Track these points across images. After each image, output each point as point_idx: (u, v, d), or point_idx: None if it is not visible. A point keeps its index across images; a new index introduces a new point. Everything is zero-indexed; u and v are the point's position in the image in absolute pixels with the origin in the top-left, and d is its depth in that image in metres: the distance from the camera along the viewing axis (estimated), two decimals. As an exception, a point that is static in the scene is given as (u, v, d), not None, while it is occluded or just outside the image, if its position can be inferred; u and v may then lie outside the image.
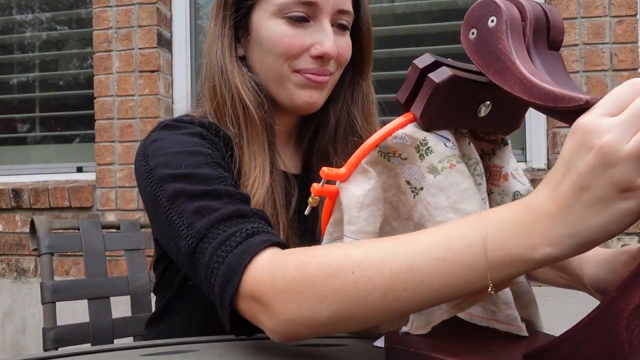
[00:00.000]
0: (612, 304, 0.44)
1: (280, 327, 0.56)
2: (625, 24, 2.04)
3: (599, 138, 0.42)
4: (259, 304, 0.57)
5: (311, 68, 0.82)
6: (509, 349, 0.54)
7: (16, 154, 2.79)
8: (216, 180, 0.70)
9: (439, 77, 0.53)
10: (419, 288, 0.50)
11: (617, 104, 0.43)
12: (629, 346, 0.43)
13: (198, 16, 2.55)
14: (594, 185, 0.42)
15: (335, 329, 0.55)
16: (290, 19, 0.81)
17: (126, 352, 0.65)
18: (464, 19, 0.53)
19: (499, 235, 0.47)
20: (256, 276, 0.58)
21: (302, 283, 0.54)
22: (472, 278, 0.48)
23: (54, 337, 1.11)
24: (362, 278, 0.51)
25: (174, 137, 0.77)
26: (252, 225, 0.63)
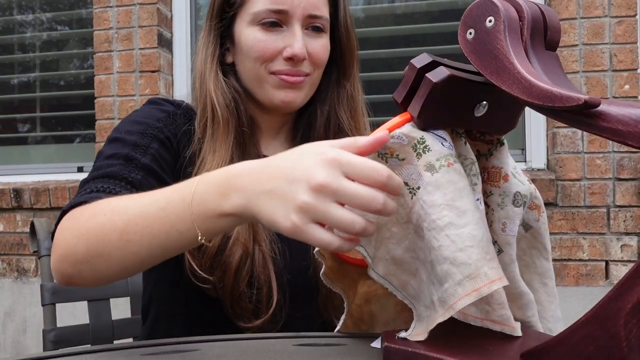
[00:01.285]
0: (610, 303, 0.44)
1: (55, 263, 0.68)
2: (625, 25, 2.04)
3: (317, 168, 0.52)
4: (54, 242, 0.69)
5: (284, 69, 0.89)
6: (505, 349, 0.54)
7: (17, 154, 2.79)
8: (135, 147, 0.82)
9: (436, 77, 0.53)
10: (144, 232, 0.60)
11: (352, 158, 0.53)
12: (626, 345, 0.43)
13: (198, 16, 2.55)
14: (284, 188, 0.52)
15: (92, 268, 0.65)
16: (264, 25, 0.88)
17: (126, 351, 0.65)
18: (461, 19, 0.53)
19: (203, 192, 0.57)
20: (62, 221, 0.70)
21: (73, 222, 0.67)
22: (182, 228, 0.58)
23: (53, 339, 1.11)
24: (108, 221, 0.63)
25: (146, 110, 0.90)
26: (104, 185, 0.76)
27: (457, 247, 0.53)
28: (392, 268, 0.60)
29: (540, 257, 0.69)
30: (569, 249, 2.03)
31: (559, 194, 2.06)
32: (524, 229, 0.68)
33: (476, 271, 0.53)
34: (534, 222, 0.67)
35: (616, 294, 0.44)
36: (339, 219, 0.51)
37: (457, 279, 0.54)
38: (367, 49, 2.37)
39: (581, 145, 2.06)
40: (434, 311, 0.56)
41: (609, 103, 0.46)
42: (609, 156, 2.04)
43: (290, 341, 0.66)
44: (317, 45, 0.90)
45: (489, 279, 0.52)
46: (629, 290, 0.43)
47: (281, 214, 0.52)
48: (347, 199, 0.51)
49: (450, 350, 0.52)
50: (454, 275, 0.54)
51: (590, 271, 2.02)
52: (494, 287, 0.53)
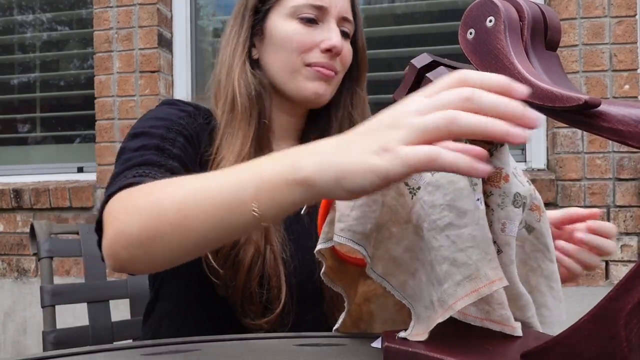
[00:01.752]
0: (611, 303, 0.44)
1: (107, 246, 0.64)
2: (625, 25, 2.04)
3: (395, 107, 0.47)
4: (103, 226, 0.67)
5: (321, 62, 0.91)
6: (505, 349, 0.54)
7: (17, 154, 2.79)
8: (163, 139, 0.81)
9: (436, 77, 0.53)
10: (205, 205, 0.56)
11: (432, 89, 0.47)
12: (627, 345, 0.43)
13: (198, 17, 2.56)
14: (368, 139, 0.47)
15: (147, 250, 0.61)
16: (302, 19, 0.91)
17: (126, 351, 0.65)
18: (461, 19, 0.53)
19: (273, 160, 0.53)
20: (110, 203, 0.67)
21: (128, 200, 0.65)
22: (246, 197, 0.53)
23: (53, 340, 1.11)
24: (166, 194, 0.60)
25: (162, 109, 0.89)
26: (145, 170, 0.74)
27: (457, 248, 0.53)
28: (391, 268, 0.60)
29: (545, 259, 0.69)
30: (569, 249, 2.03)
31: (559, 194, 2.06)
32: (527, 231, 0.67)
33: (476, 272, 0.53)
34: (535, 223, 0.67)
35: (616, 294, 0.44)
36: (487, 108, 0.43)
37: (457, 279, 0.54)
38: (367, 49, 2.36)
39: (581, 145, 2.06)
40: (433, 311, 0.56)
41: (609, 103, 0.46)
42: (609, 156, 2.04)
43: (290, 341, 0.66)
44: (346, 48, 0.94)
45: (489, 279, 0.53)
46: (629, 290, 0.43)
47: (375, 148, 0.46)
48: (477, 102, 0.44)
49: (451, 350, 0.52)
50: (454, 275, 0.54)
51: (591, 271, 2.02)
52: (494, 288, 0.53)
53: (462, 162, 0.43)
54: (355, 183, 0.46)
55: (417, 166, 0.44)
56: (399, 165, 0.44)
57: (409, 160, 0.44)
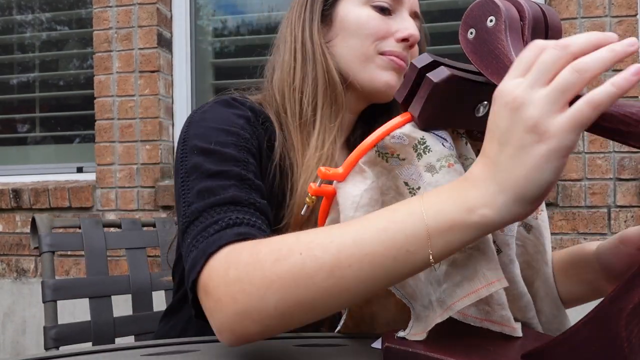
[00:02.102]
0: (611, 304, 0.44)
1: (227, 322, 0.55)
2: (626, 24, 2.04)
3: (509, 95, 0.46)
4: (209, 298, 0.57)
5: (396, 51, 0.87)
6: (506, 349, 0.54)
7: (16, 154, 2.79)
8: (237, 162, 0.72)
9: (437, 77, 0.53)
10: (363, 262, 0.50)
11: (522, 66, 0.47)
12: (628, 346, 0.43)
13: (198, 16, 2.55)
14: (512, 137, 0.45)
15: (283, 321, 0.54)
16: (376, 7, 0.87)
17: (127, 352, 0.65)
18: (462, 19, 0.53)
19: (438, 203, 0.49)
20: (213, 267, 0.58)
21: (252, 270, 0.54)
22: (414, 247, 0.49)
23: (54, 336, 1.11)
24: (309, 258, 0.52)
25: (221, 113, 0.79)
26: (238, 215, 0.64)
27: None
28: None
29: (543, 262, 0.68)
30: (569, 249, 2.03)
31: (559, 194, 2.06)
32: (526, 230, 0.67)
33: (475, 273, 0.53)
34: (533, 221, 0.67)
35: (617, 295, 0.43)
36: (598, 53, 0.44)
37: (456, 280, 0.54)
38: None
39: (582, 145, 2.06)
40: (432, 311, 0.56)
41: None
42: (609, 156, 2.04)
43: (290, 341, 0.66)
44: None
45: (488, 280, 0.52)
46: (630, 291, 0.43)
47: (529, 141, 0.44)
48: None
49: (451, 350, 0.52)
50: (453, 276, 0.54)
51: None
52: (492, 289, 0.52)
53: (608, 55, 0.44)
54: (538, 185, 0.45)
55: (587, 123, 0.44)
56: (570, 133, 0.44)
57: (577, 123, 0.43)
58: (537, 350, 0.49)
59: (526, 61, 0.47)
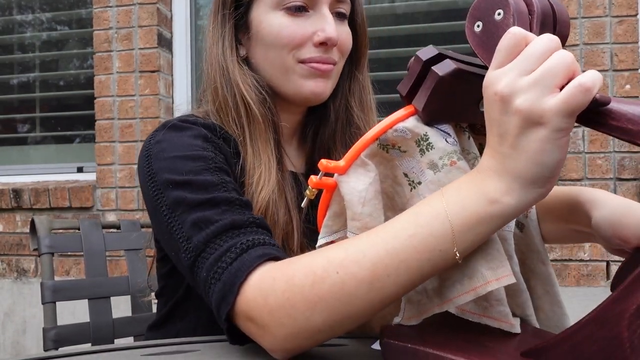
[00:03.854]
0: (614, 304, 0.44)
1: (280, 344, 0.57)
2: (626, 24, 2.04)
3: (496, 86, 0.47)
4: (255, 324, 0.58)
5: (315, 57, 0.82)
6: (505, 345, 0.54)
7: (16, 154, 2.79)
8: (216, 187, 0.70)
9: (442, 70, 0.52)
10: (400, 270, 0.52)
11: (504, 54, 0.48)
12: (629, 346, 0.43)
13: (198, 16, 2.55)
14: (508, 126, 0.47)
15: (333, 332, 0.56)
16: (290, 9, 0.81)
17: (127, 352, 0.65)
18: (469, 11, 0.52)
19: (459, 199, 0.50)
20: (249, 296, 0.59)
21: (292, 296, 0.55)
22: (445, 246, 0.51)
23: (54, 337, 1.11)
24: (347, 276, 0.53)
25: (177, 140, 0.77)
26: (247, 237, 0.64)
27: None
28: None
29: (538, 262, 0.68)
30: (569, 249, 2.03)
31: (559, 194, 2.06)
32: (519, 229, 0.67)
33: (474, 271, 0.53)
34: (523, 219, 0.67)
35: (620, 295, 0.43)
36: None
37: (456, 276, 0.54)
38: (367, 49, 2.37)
39: (582, 145, 2.06)
40: (426, 298, 0.56)
41: (618, 101, 0.45)
42: (609, 156, 2.04)
43: (291, 341, 0.66)
44: (344, 32, 0.85)
45: (485, 279, 0.53)
46: (634, 291, 0.43)
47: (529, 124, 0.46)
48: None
49: (449, 346, 0.52)
50: (452, 274, 0.54)
51: (591, 271, 2.02)
52: (489, 288, 0.52)
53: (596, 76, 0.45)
54: (547, 166, 0.46)
55: (580, 106, 0.44)
56: (564, 117, 0.44)
57: (570, 106, 0.44)
58: (537, 347, 0.49)
59: (507, 48, 0.47)
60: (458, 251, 0.51)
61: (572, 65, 0.45)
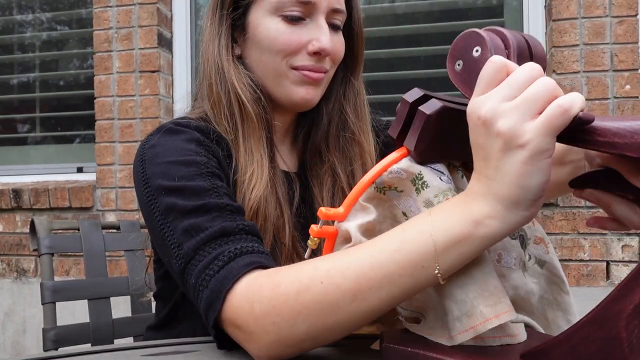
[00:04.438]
0: (612, 304, 0.44)
1: (264, 351, 0.58)
2: (626, 24, 2.04)
3: (479, 111, 0.48)
4: (241, 331, 0.60)
5: (308, 65, 0.84)
6: (505, 348, 0.54)
7: (16, 154, 2.79)
8: (208, 192, 0.71)
9: (429, 109, 0.54)
10: (383, 283, 0.53)
11: (485, 82, 0.49)
12: (628, 346, 0.43)
13: (198, 16, 2.55)
14: (491, 150, 0.48)
15: (315, 342, 0.57)
16: (287, 17, 0.83)
17: (127, 352, 0.65)
18: (449, 52, 0.54)
19: (444, 219, 0.51)
20: (236, 304, 0.60)
21: (277, 304, 0.57)
22: (428, 263, 0.51)
23: (54, 338, 1.11)
24: (331, 286, 0.54)
25: (170, 144, 0.78)
26: (235, 245, 0.65)
27: (455, 285, 0.54)
28: None
29: (561, 292, 0.68)
30: (569, 249, 2.03)
31: (559, 194, 2.06)
32: (539, 266, 0.67)
33: (472, 309, 0.53)
34: (545, 256, 0.67)
35: (618, 295, 0.44)
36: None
37: (456, 314, 0.54)
38: (367, 49, 2.36)
39: (581, 145, 2.06)
40: (440, 326, 0.56)
41: (602, 119, 0.47)
42: (609, 156, 2.04)
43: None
44: (338, 42, 0.87)
45: (484, 317, 0.52)
46: (631, 291, 0.43)
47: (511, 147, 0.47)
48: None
49: (450, 350, 0.52)
50: (453, 310, 0.54)
51: (591, 271, 2.02)
52: (489, 326, 0.52)
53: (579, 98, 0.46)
54: (530, 189, 0.47)
55: (560, 126, 0.46)
56: (545, 137, 0.46)
57: (550, 126, 0.46)
58: (536, 349, 0.49)
59: (489, 76, 0.49)
60: (440, 269, 0.51)
61: (554, 91, 0.47)
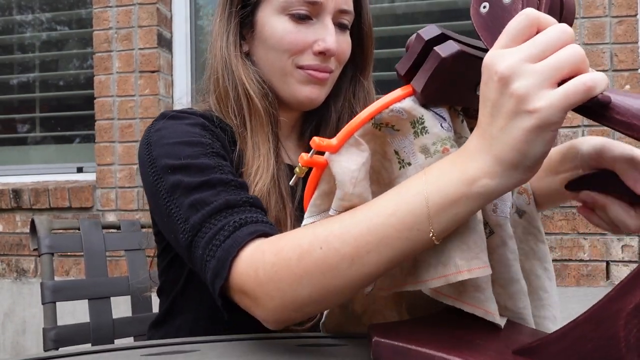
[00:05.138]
0: (611, 303, 0.43)
1: (271, 315, 0.60)
2: (626, 24, 2.04)
3: (499, 66, 0.45)
4: (247, 297, 0.61)
5: (313, 64, 0.85)
6: (495, 344, 0.53)
7: (16, 154, 2.79)
8: (213, 169, 0.73)
9: (445, 52, 0.50)
10: (380, 247, 0.53)
11: (513, 35, 0.46)
12: (625, 345, 0.43)
13: (198, 16, 2.55)
14: (502, 109, 0.46)
15: (319, 306, 0.59)
16: (294, 16, 0.84)
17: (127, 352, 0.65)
18: None
19: (439, 178, 0.51)
20: (242, 270, 0.62)
21: (280, 269, 0.58)
22: (422, 226, 0.51)
23: (54, 337, 1.11)
24: (330, 251, 0.55)
25: (176, 127, 0.80)
26: (240, 216, 0.67)
27: None
28: None
29: (537, 241, 0.69)
30: (569, 250, 2.03)
31: (559, 194, 2.06)
32: (518, 215, 0.67)
33: (448, 259, 0.53)
34: (526, 207, 0.67)
35: (617, 294, 0.43)
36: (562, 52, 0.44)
37: (431, 260, 0.55)
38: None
39: (581, 145, 2.06)
40: (400, 272, 0.58)
41: (624, 95, 0.44)
42: (609, 156, 2.04)
43: (290, 341, 0.66)
44: (344, 42, 0.88)
45: (457, 269, 0.53)
46: (631, 291, 0.43)
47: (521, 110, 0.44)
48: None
49: (440, 344, 0.51)
50: (429, 257, 0.55)
51: (591, 271, 2.02)
52: (460, 278, 0.53)
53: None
54: (530, 157, 0.46)
55: (577, 103, 0.43)
56: (560, 111, 0.43)
57: (568, 101, 0.43)
58: (530, 345, 0.48)
59: (518, 30, 0.46)
60: (434, 232, 0.51)
61: (581, 62, 0.44)
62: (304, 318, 0.62)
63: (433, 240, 0.51)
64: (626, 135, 0.44)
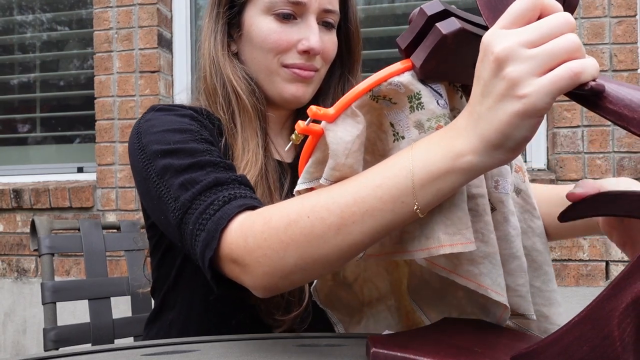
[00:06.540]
0: (604, 302, 0.44)
1: (259, 281, 0.61)
2: (625, 25, 2.05)
3: (496, 47, 0.46)
4: (237, 265, 0.63)
5: (298, 63, 0.87)
6: (494, 351, 0.53)
7: (17, 154, 2.79)
8: (202, 152, 0.75)
9: (447, 29, 0.50)
10: (365, 218, 0.54)
11: (514, 17, 0.47)
12: (620, 344, 0.43)
13: (198, 16, 2.56)
14: (492, 89, 0.47)
15: (305, 274, 0.60)
16: (279, 16, 0.86)
17: (127, 352, 0.65)
18: None
19: (425, 153, 0.52)
20: (231, 240, 0.63)
21: (269, 237, 0.59)
22: (407, 199, 0.52)
23: (54, 338, 1.11)
24: (317, 220, 0.56)
25: (165, 118, 0.82)
26: (229, 192, 0.68)
27: None
28: None
29: (534, 218, 0.69)
30: (569, 249, 2.04)
31: (558, 194, 2.06)
32: (516, 193, 0.68)
33: (431, 232, 0.54)
34: (521, 184, 0.68)
35: (610, 293, 0.43)
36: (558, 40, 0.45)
37: (416, 233, 0.56)
38: (367, 49, 2.36)
39: (581, 145, 2.06)
40: (389, 240, 0.59)
41: (618, 85, 0.45)
42: (609, 156, 2.04)
43: (290, 341, 0.66)
44: (329, 41, 0.90)
45: (440, 242, 0.54)
46: (623, 290, 0.43)
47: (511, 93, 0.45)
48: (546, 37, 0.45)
49: (439, 353, 0.52)
50: (414, 229, 0.56)
51: (591, 271, 2.02)
52: (442, 252, 0.54)
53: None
54: (514, 139, 0.47)
55: (565, 89, 0.44)
56: (547, 96, 0.44)
57: (555, 88, 0.44)
58: (527, 351, 0.48)
59: (520, 12, 0.47)
60: (419, 205, 0.52)
61: (576, 52, 0.45)
62: (292, 287, 0.63)
63: (417, 213, 0.52)
64: (616, 125, 0.44)
